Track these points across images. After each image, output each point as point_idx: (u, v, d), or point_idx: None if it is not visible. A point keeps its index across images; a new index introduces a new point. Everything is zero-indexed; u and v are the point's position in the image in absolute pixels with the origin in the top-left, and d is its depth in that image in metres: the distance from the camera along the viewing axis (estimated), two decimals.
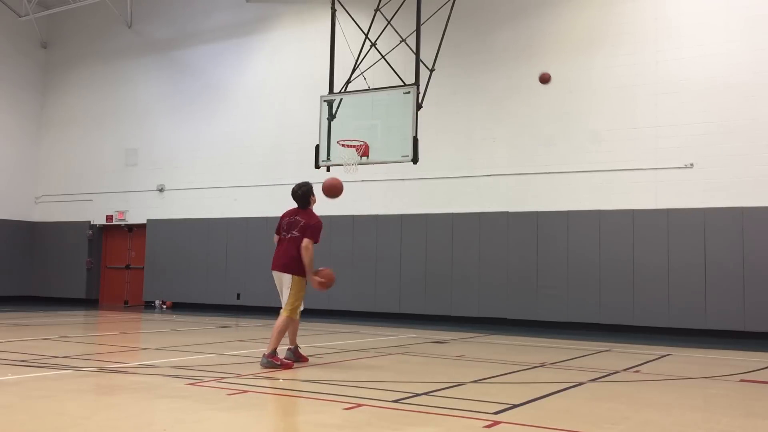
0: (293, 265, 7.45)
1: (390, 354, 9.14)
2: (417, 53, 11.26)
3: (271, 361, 7.25)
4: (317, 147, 11.68)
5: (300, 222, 7.57)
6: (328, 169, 11.68)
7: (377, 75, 12.22)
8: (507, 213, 14.62)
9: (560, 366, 8.23)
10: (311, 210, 7.80)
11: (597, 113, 14.00)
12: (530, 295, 14.18)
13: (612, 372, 7.70)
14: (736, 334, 12.32)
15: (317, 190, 7.85)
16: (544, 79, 11.11)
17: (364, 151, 11.08)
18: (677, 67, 13.36)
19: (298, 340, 8.00)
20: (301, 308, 7.51)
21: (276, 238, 7.78)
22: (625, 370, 7.94)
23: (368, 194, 16.03)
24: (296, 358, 7.68)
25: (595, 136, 13.93)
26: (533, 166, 14.46)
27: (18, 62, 20.94)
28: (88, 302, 19.89)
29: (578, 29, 14.38)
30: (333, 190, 7.87)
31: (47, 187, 21.14)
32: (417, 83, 10.98)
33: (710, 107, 13.01)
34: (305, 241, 7.43)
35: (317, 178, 14.97)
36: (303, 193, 7.73)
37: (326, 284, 7.60)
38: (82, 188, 20.44)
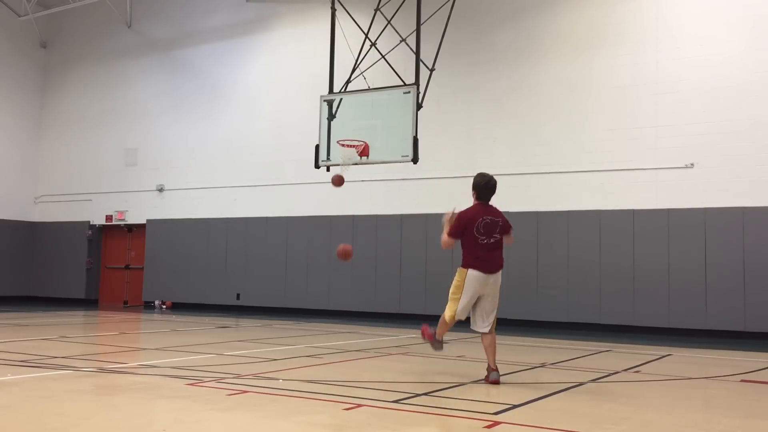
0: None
1: (390, 354, 9.13)
2: (417, 53, 11.24)
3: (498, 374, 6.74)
4: (317, 147, 11.66)
5: (498, 222, 7.24)
6: (328, 169, 11.64)
7: (377, 75, 12.19)
8: (507, 213, 14.49)
9: (560, 366, 8.22)
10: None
11: (597, 113, 13.99)
12: (530, 295, 14.17)
13: (612, 372, 7.69)
14: (737, 334, 12.31)
15: None
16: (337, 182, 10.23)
17: (364, 150, 11.06)
18: (677, 67, 13.35)
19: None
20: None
21: (451, 241, 7.27)
22: (625, 370, 7.93)
23: (368, 194, 16.02)
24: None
25: (595, 136, 13.93)
26: (533, 166, 14.44)
27: (17, 62, 20.92)
28: (88, 302, 19.88)
29: (578, 29, 14.37)
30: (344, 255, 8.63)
31: (47, 187, 21.13)
32: (417, 83, 10.96)
33: (710, 107, 13.00)
34: (510, 238, 7.33)
35: (317, 178, 15.11)
36: (494, 185, 7.32)
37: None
38: (82, 188, 20.43)
